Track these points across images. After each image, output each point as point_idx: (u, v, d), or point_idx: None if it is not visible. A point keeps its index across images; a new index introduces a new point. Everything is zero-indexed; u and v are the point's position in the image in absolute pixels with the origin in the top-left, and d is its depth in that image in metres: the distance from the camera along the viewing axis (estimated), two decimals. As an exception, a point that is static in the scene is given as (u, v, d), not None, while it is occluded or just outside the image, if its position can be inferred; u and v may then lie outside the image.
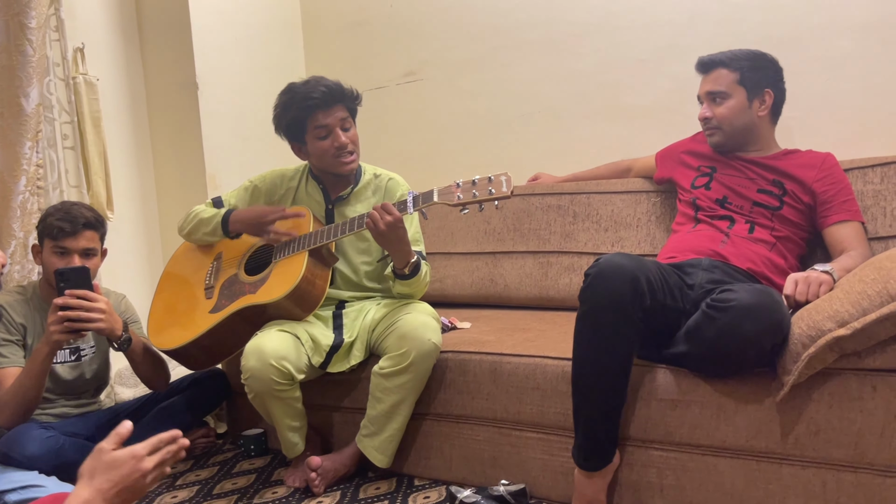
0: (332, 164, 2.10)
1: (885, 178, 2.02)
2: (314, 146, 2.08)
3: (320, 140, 2.07)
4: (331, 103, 2.05)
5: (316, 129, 2.06)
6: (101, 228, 2.09)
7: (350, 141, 2.08)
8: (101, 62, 2.74)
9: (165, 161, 2.94)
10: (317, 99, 2.03)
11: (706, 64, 2.04)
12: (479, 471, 1.95)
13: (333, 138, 2.06)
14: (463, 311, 2.55)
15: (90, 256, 2.05)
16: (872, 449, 1.45)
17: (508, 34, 2.85)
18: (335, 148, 2.06)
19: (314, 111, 2.04)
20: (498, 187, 1.79)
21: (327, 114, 2.05)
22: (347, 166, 2.10)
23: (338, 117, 2.06)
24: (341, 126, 2.07)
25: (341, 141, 2.06)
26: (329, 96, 2.04)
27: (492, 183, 1.80)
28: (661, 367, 1.68)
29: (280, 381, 1.91)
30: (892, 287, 1.38)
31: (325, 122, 2.05)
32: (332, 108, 2.05)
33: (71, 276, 1.90)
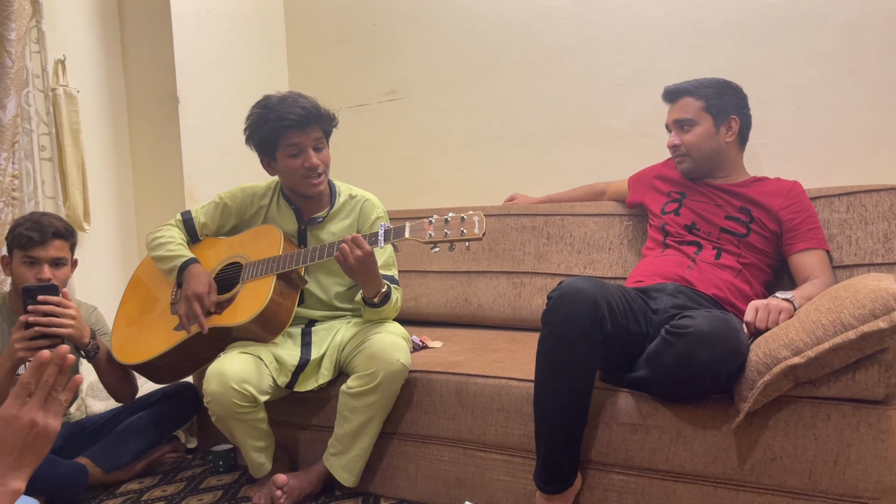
0: (299, 184, 2.09)
1: (851, 207, 2.05)
2: (284, 164, 2.08)
3: (291, 158, 2.06)
4: (306, 124, 2.04)
5: (288, 147, 2.05)
6: (70, 238, 2.08)
7: (321, 162, 2.07)
8: (82, 74, 2.76)
9: (144, 174, 2.95)
10: (292, 120, 2.01)
11: (672, 93, 2.07)
12: (444, 491, 1.95)
13: (305, 158, 2.05)
14: (437, 330, 2.56)
15: (60, 266, 2.05)
16: (826, 477, 1.46)
17: (487, 56, 2.89)
18: (305, 168, 2.06)
19: (288, 130, 2.03)
20: (470, 228, 1.79)
21: (301, 133, 2.04)
22: (315, 188, 2.09)
23: (312, 137, 2.05)
24: (314, 146, 2.06)
25: (312, 162, 2.05)
26: (305, 118, 2.03)
27: (464, 223, 1.80)
28: (623, 390, 1.69)
29: (242, 404, 1.91)
30: (845, 317, 1.40)
31: (297, 141, 2.04)
32: (308, 129, 2.04)
33: (38, 294, 1.88)
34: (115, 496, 2.12)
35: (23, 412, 1.01)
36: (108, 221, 2.87)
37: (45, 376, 1.04)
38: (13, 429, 1.01)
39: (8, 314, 2.11)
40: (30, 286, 1.90)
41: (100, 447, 2.18)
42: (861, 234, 2.01)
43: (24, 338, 1.86)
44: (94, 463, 2.13)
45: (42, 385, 1.03)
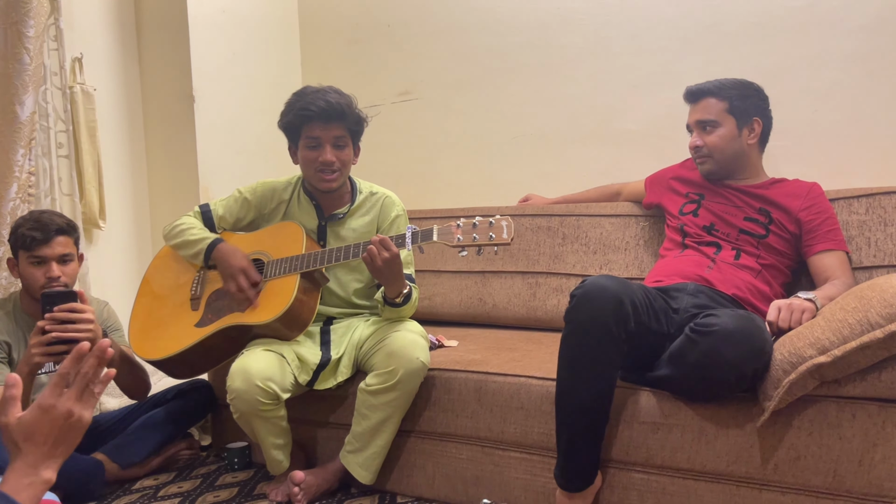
0: (312, 177, 2.10)
1: (870, 209, 2.05)
2: (302, 153, 2.09)
3: (309, 149, 2.07)
4: (330, 119, 2.03)
5: (307, 139, 2.06)
6: (73, 233, 2.07)
7: (338, 160, 2.07)
8: (99, 72, 2.76)
9: (159, 172, 2.95)
10: (313, 112, 2.02)
11: (694, 93, 2.07)
12: (462, 489, 1.95)
13: (321, 153, 2.06)
14: (451, 330, 2.55)
15: (67, 262, 2.04)
16: (850, 477, 1.46)
17: (503, 57, 2.89)
18: (319, 162, 2.06)
19: (310, 121, 2.04)
20: (498, 233, 1.79)
21: (324, 127, 2.04)
22: (325, 184, 2.09)
23: (332, 134, 2.05)
24: (334, 143, 2.07)
25: (326, 158, 2.05)
26: (327, 112, 2.03)
27: (492, 227, 1.80)
28: (645, 389, 1.69)
29: (265, 402, 1.91)
30: (872, 316, 1.40)
31: (317, 135, 2.05)
32: (330, 124, 2.04)
33: (57, 300, 1.87)
34: (131, 492, 2.12)
35: (60, 402, 1.02)
36: (124, 219, 2.87)
37: (85, 368, 1.04)
38: (49, 418, 1.01)
39: (20, 315, 2.10)
40: (49, 292, 1.88)
41: (115, 443, 2.18)
42: (880, 236, 2.01)
43: (42, 343, 1.85)
44: (110, 459, 2.13)
45: (80, 376, 1.03)
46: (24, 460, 0.99)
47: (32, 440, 0.99)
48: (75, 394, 1.03)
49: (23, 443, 0.99)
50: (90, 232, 2.69)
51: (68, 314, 1.87)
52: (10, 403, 1.01)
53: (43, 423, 1.01)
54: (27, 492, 0.97)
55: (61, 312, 1.86)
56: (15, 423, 1.00)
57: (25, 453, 0.99)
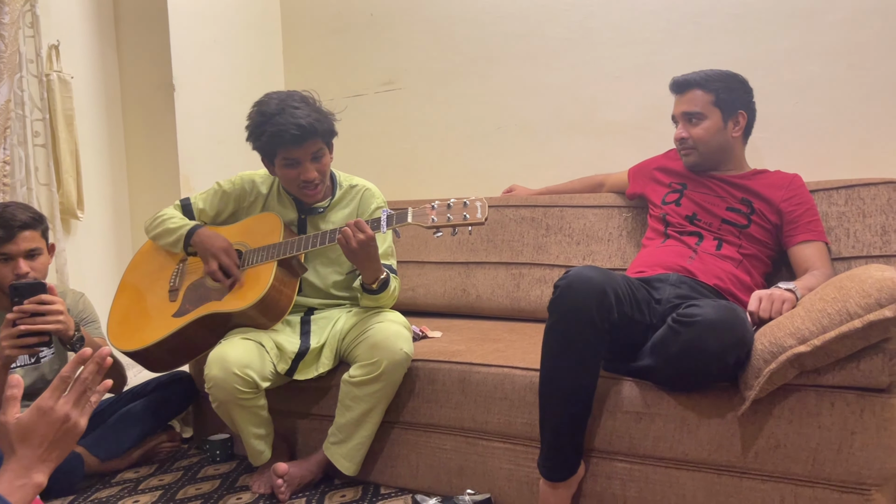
0: (295, 192, 2.09)
1: (849, 200, 2.07)
2: (281, 172, 2.06)
3: (287, 168, 2.03)
4: (304, 140, 1.98)
5: (285, 160, 2.02)
6: (39, 226, 2.02)
7: (319, 173, 2.04)
8: (76, 60, 2.72)
9: (139, 161, 2.91)
10: (288, 138, 1.95)
11: (680, 84, 2.07)
12: (445, 480, 1.95)
13: (301, 171, 2.01)
14: (435, 321, 2.55)
15: (35, 257, 1.99)
16: (829, 465, 1.48)
17: (487, 47, 2.88)
18: (301, 180, 2.03)
19: (285, 145, 1.98)
20: (472, 213, 1.80)
21: (299, 149, 1.99)
22: (311, 198, 2.09)
23: (309, 151, 2.01)
24: (312, 158, 2.02)
25: (308, 176, 2.01)
26: (302, 136, 1.96)
27: (467, 208, 1.81)
28: (627, 379, 1.70)
29: (244, 390, 1.89)
30: (851, 306, 1.41)
31: (295, 156, 2.00)
32: (305, 144, 1.99)
33: (26, 292, 1.84)
34: (111, 485, 2.10)
35: (58, 405, 1.02)
36: (102, 209, 2.83)
37: (84, 373, 1.04)
38: (47, 420, 1.01)
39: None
40: (17, 284, 1.85)
41: (95, 436, 2.16)
42: (859, 227, 2.03)
43: (12, 335, 1.82)
44: (89, 452, 2.11)
45: (79, 381, 1.04)
46: (18, 462, 1.00)
47: (28, 442, 1.00)
48: (73, 398, 1.03)
49: (18, 444, 1.00)
50: (68, 222, 2.65)
51: (37, 306, 1.84)
52: (9, 403, 1.02)
53: (40, 425, 1.01)
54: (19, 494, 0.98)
55: (31, 304, 1.83)
56: (13, 424, 1.01)
57: (20, 456, 1.00)
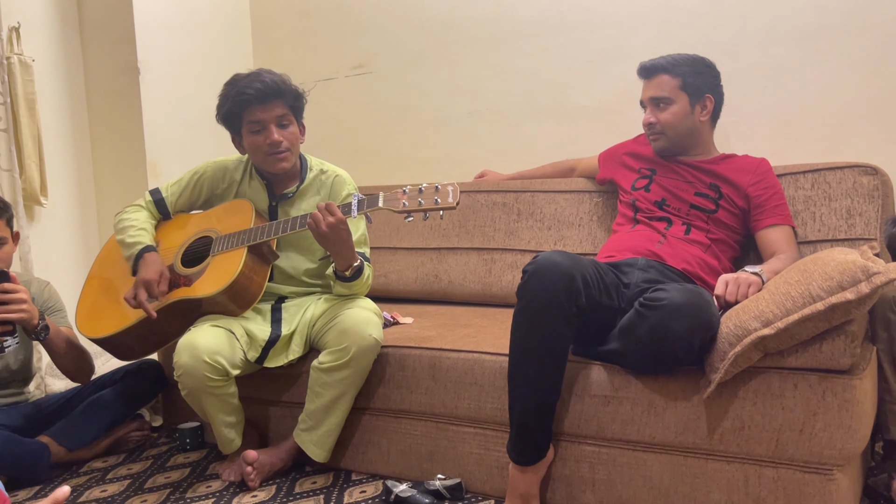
0: (263, 161, 2.06)
1: (816, 184, 2.09)
2: (248, 140, 2.04)
3: (254, 134, 2.02)
4: (267, 99, 1.99)
5: (250, 124, 2.02)
6: (4, 214, 2.00)
7: (285, 139, 2.03)
8: (38, 42, 2.65)
9: (104, 147, 2.86)
10: (251, 94, 1.97)
11: (648, 69, 2.07)
12: (416, 465, 1.95)
13: (267, 135, 2.01)
14: (407, 307, 2.54)
15: (0, 245, 1.97)
16: (792, 445, 1.50)
17: (458, 30, 2.86)
18: (267, 145, 2.01)
19: (249, 105, 1.99)
20: (444, 197, 1.79)
21: (264, 109, 1.99)
22: (279, 164, 2.05)
23: (274, 114, 2.01)
24: (277, 123, 2.02)
25: (273, 138, 2.00)
26: (265, 92, 1.98)
27: (438, 192, 1.80)
28: (596, 363, 1.71)
29: (214, 378, 1.87)
30: (814, 289, 1.43)
31: (259, 118, 2.00)
32: (269, 104, 1.99)
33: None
34: (79, 475, 2.08)
35: None
36: (67, 196, 2.78)
37: None
38: None
39: None
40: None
41: (62, 425, 2.12)
42: (825, 211, 2.05)
43: None
44: (56, 442, 2.08)
45: None
46: None
47: None
48: None
49: None
50: (31, 209, 2.60)
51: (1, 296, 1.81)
52: None
53: None
54: None
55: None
56: None
57: None
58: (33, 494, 1.94)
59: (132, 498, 1.91)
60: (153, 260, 2.00)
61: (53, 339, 2.01)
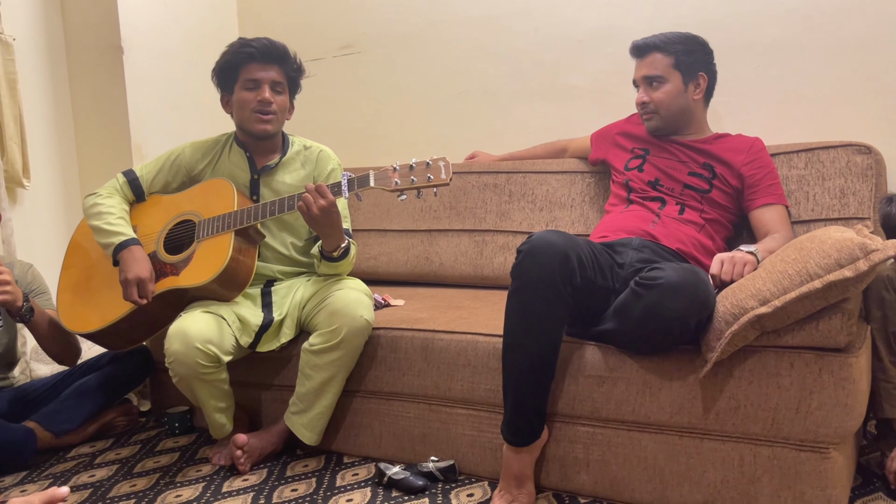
0: (248, 118, 2.02)
1: (809, 163, 2.08)
2: (238, 96, 2.03)
3: (245, 91, 2.02)
4: (268, 60, 2.01)
5: (245, 81, 2.01)
6: None
7: (275, 102, 2.02)
8: (18, 21, 2.58)
9: (87, 128, 2.80)
10: (254, 49, 1.99)
11: (641, 48, 2.04)
12: (409, 447, 1.94)
13: (259, 93, 2.00)
14: (398, 289, 2.52)
15: None
16: (788, 424, 1.49)
17: (447, 9, 2.82)
18: (257, 101, 2.00)
19: (249, 62, 2.00)
20: (436, 173, 1.75)
21: (262, 68, 2.01)
22: (262, 125, 2.02)
23: (270, 76, 2.01)
24: (272, 86, 2.02)
25: (265, 96, 2.00)
26: (269, 51, 2.01)
27: (430, 168, 1.76)
28: (590, 343, 1.69)
29: (206, 364, 1.84)
30: (811, 267, 1.42)
31: (256, 76, 2.00)
32: (269, 66, 2.01)
33: None
34: (66, 460, 2.05)
35: None
36: (49, 177, 2.72)
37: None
38: None
39: None
40: None
41: (48, 410, 2.09)
42: (818, 190, 2.04)
43: None
44: (42, 427, 2.05)
45: None
46: None
47: None
48: None
49: None
50: (13, 191, 2.54)
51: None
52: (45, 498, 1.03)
53: None
54: None
55: None
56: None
57: None
58: (20, 480, 1.91)
59: (121, 483, 1.88)
60: (141, 255, 1.93)
61: (38, 321, 1.98)
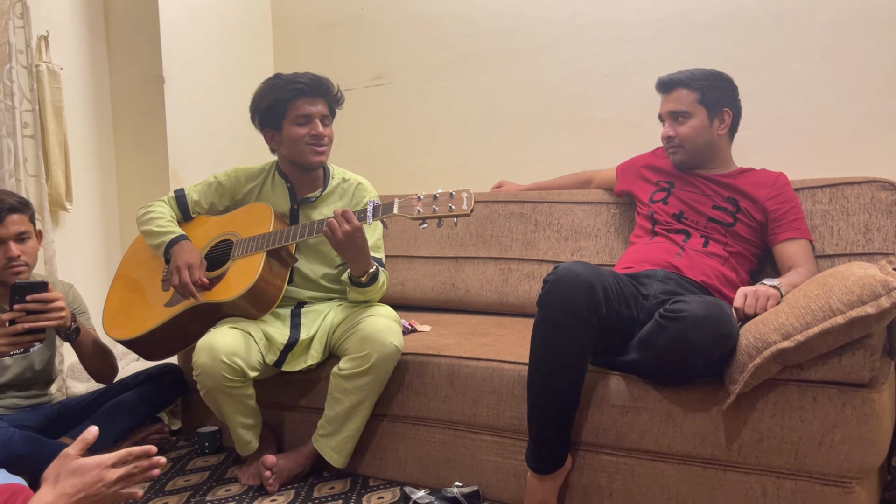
0: (303, 152, 2.09)
1: (833, 198, 2.10)
2: (290, 131, 2.08)
3: (298, 126, 2.07)
4: (316, 94, 2.08)
5: (297, 117, 2.07)
6: (27, 210, 2.03)
7: (326, 135, 2.10)
8: (66, 51, 2.70)
9: (128, 154, 2.90)
10: (303, 85, 2.06)
11: (666, 84, 2.09)
12: (434, 472, 1.97)
13: (312, 127, 2.07)
14: (424, 315, 2.57)
15: (25, 240, 2.00)
16: (811, 458, 1.51)
17: (477, 43, 2.89)
18: (311, 136, 2.07)
19: (298, 97, 2.06)
20: (458, 204, 1.80)
21: (311, 102, 2.07)
22: (318, 157, 2.10)
23: (319, 110, 2.09)
24: (321, 120, 2.09)
25: (319, 130, 2.07)
26: (316, 86, 2.08)
27: (452, 199, 1.81)
28: (614, 373, 1.72)
29: (231, 378, 1.90)
30: (834, 303, 1.44)
31: (307, 112, 2.07)
32: (316, 100, 2.09)
33: (27, 292, 1.86)
34: (101, 477, 2.10)
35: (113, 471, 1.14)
36: (91, 201, 2.82)
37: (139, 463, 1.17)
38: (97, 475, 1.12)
39: None
40: (19, 283, 1.87)
41: (84, 427, 2.15)
42: (843, 225, 2.06)
43: (7, 334, 1.84)
44: (78, 443, 2.10)
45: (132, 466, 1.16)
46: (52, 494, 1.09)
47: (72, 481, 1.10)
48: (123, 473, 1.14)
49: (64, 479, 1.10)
50: (56, 214, 2.64)
51: (40, 305, 1.86)
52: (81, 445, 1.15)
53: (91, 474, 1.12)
54: None
55: (32, 303, 1.85)
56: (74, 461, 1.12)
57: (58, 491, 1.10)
58: (56, 495, 1.97)
59: (154, 500, 1.93)
60: (189, 247, 2.05)
61: (83, 341, 2.06)
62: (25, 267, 1.99)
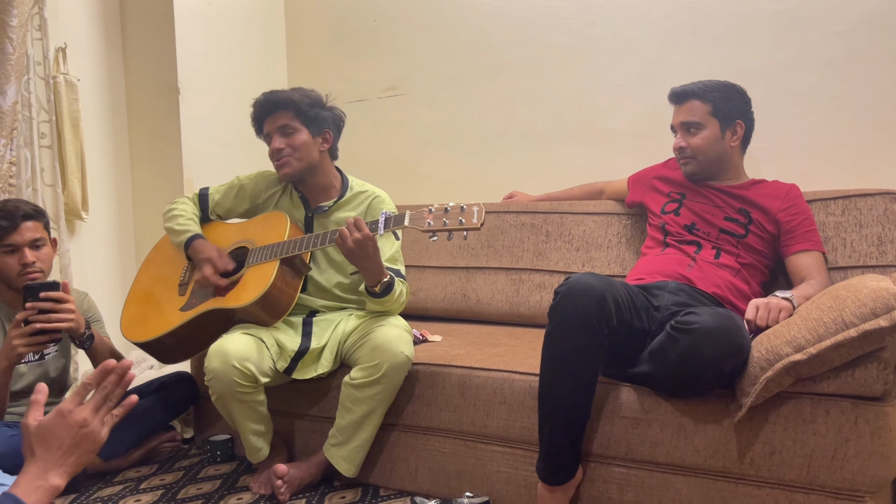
0: (275, 168, 2.18)
1: (846, 210, 2.09)
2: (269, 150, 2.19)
3: (268, 145, 2.17)
4: (272, 110, 2.15)
5: (265, 136, 2.18)
6: (41, 218, 2.06)
7: (287, 146, 2.12)
8: (83, 63, 2.74)
9: (143, 164, 2.94)
10: (256, 110, 2.18)
11: (679, 95, 2.10)
12: (444, 483, 1.97)
13: (270, 143, 2.15)
14: (435, 325, 2.57)
15: (39, 247, 2.03)
16: (823, 471, 1.50)
17: (488, 54, 2.91)
18: (271, 153, 2.15)
19: (263, 118, 2.16)
20: (469, 217, 1.81)
21: (270, 120, 2.15)
22: (281, 171, 2.15)
23: (276, 125, 2.14)
24: (281, 132, 2.13)
25: (273, 146, 2.14)
26: (264, 105, 2.15)
27: (463, 212, 1.82)
28: (626, 385, 1.72)
29: (242, 384, 1.92)
30: (847, 315, 1.44)
31: (266, 130, 2.17)
32: (275, 115, 2.14)
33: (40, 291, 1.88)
34: (113, 484, 2.12)
35: (77, 410, 1.06)
36: (106, 210, 2.86)
37: (106, 381, 1.08)
38: (65, 423, 1.04)
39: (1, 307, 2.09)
40: (32, 284, 1.90)
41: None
42: (856, 237, 2.05)
43: (24, 334, 1.86)
44: (92, 451, 2.12)
45: (100, 388, 1.08)
46: (36, 465, 1.03)
47: (46, 444, 1.04)
48: (93, 405, 1.07)
49: (37, 446, 1.04)
50: (72, 223, 2.68)
51: (52, 304, 1.88)
52: (33, 407, 1.07)
53: (59, 427, 1.04)
54: (35, 495, 1.01)
55: (45, 302, 1.87)
56: (34, 426, 1.05)
57: (38, 458, 1.03)
58: (69, 503, 1.99)
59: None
60: (207, 244, 2.14)
61: (97, 348, 2.08)
62: (40, 273, 2.01)
